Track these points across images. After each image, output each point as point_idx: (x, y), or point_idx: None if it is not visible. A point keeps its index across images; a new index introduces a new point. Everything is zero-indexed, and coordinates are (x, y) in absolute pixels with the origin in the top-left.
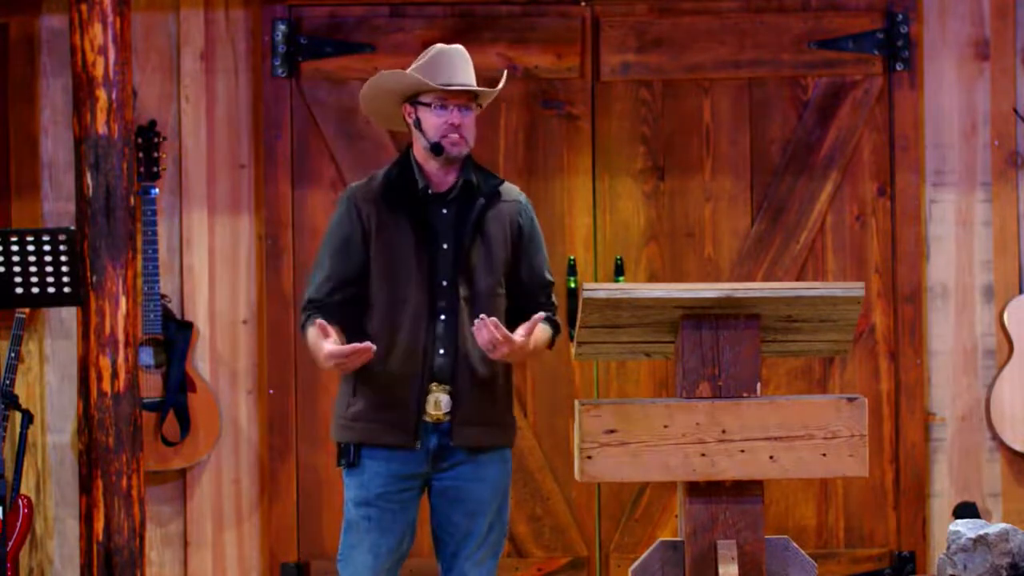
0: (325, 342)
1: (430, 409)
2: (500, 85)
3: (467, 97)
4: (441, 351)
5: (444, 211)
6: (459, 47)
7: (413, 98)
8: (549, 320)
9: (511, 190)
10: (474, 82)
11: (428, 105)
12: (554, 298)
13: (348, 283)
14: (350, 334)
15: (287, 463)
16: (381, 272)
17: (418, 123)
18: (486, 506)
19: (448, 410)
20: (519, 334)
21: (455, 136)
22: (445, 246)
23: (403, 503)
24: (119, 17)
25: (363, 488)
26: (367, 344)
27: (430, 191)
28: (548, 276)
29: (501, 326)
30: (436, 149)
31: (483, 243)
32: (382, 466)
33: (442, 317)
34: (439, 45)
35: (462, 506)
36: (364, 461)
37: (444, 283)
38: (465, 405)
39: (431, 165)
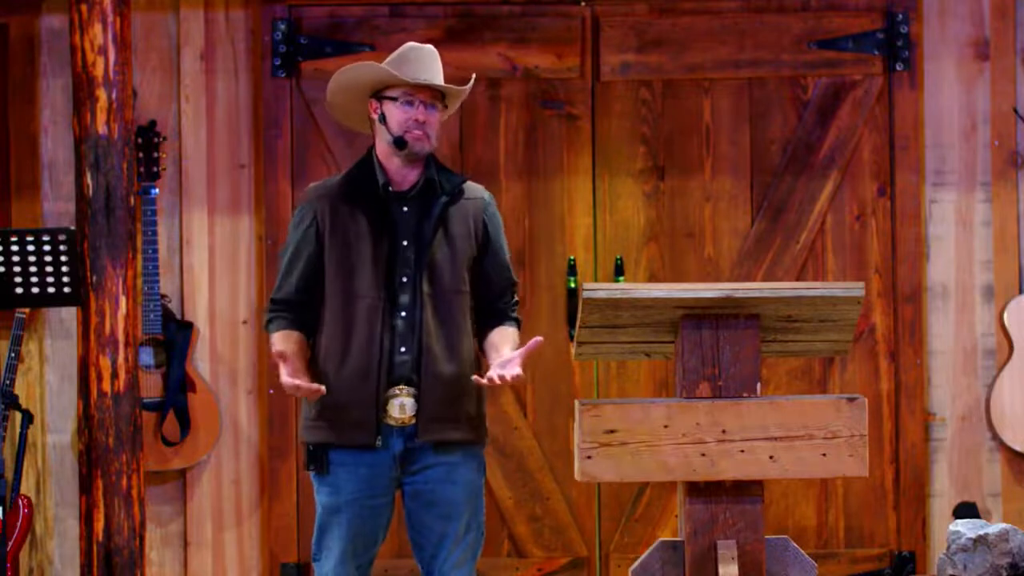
0: (282, 367)
1: (394, 413)
2: (468, 85)
3: (433, 95)
4: (402, 349)
5: (404, 208)
6: (430, 47)
7: (379, 92)
8: (515, 320)
9: (475, 188)
10: (442, 81)
11: (395, 99)
12: (516, 296)
13: (307, 283)
14: (313, 333)
15: (287, 463)
16: (335, 268)
17: (383, 118)
18: (460, 508)
19: (413, 413)
20: (517, 355)
21: (418, 132)
22: (405, 242)
23: (373, 508)
24: (119, 17)
25: (334, 494)
26: (317, 387)
27: (390, 188)
28: (513, 276)
29: (510, 370)
30: (399, 143)
31: (446, 240)
32: (351, 471)
33: (402, 314)
34: (411, 43)
35: (435, 509)
36: (333, 467)
37: (404, 279)
38: (430, 405)
39: (393, 162)
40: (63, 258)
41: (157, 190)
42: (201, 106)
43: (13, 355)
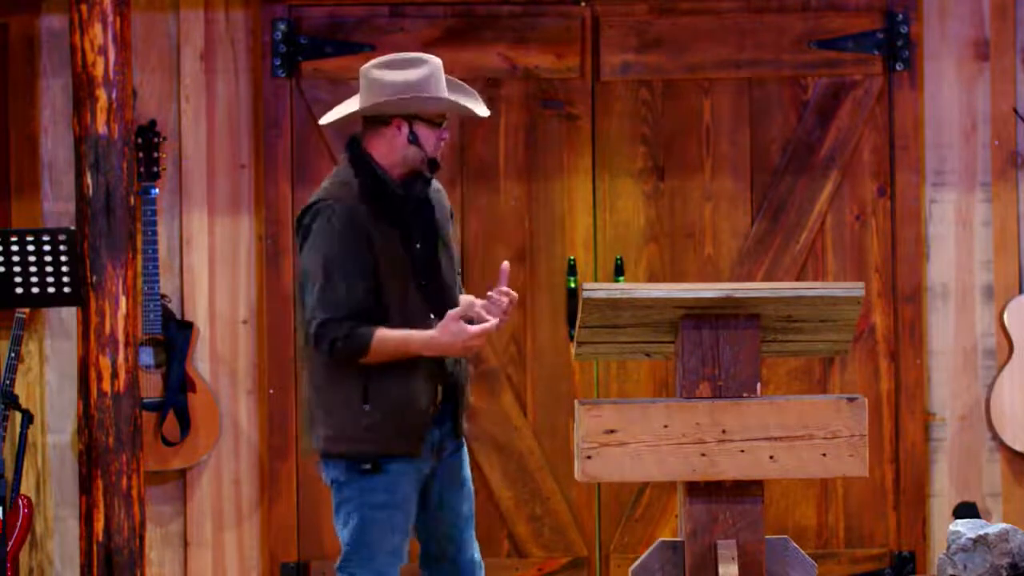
0: (458, 322)
1: None
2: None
3: None
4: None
5: (412, 212)
6: (438, 61)
7: (413, 114)
8: None
9: (434, 180)
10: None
11: (432, 124)
12: None
13: (371, 292)
14: None
15: (287, 463)
16: (386, 280)
17: (414, 138)
18: (471, 487)
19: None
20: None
21: (439, 150)
22: (418, 245)
23: (414, 504)
24: (119, 17)
25: (390, 492)
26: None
27: (400, 192)
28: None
29: (510, 292)
30: (433, 165)
31: (442, 237)
32: (403, 467)
33: (432, 316)
34: (428, 61)
35: (463, 489)
36: (387, 465)
37: (425, 282)
38: (463, 399)
39: (398, 171)
40: (63, 258)
41: (157, 190)
42: (201, 106)
43: (13, 355)
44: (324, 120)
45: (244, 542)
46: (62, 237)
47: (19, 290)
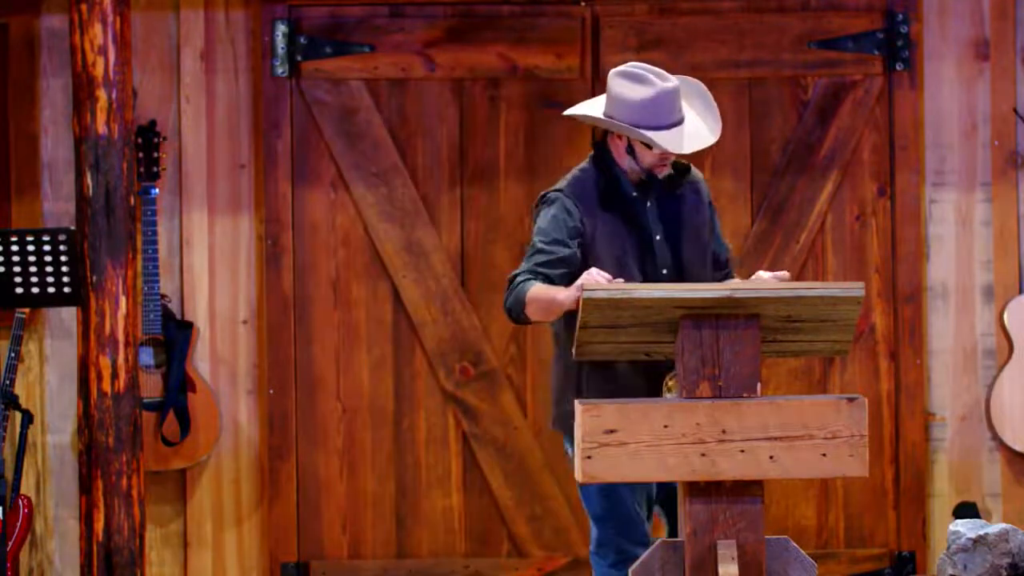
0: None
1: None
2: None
3: None
4: None
5: (648, 204)
6: (673, 83)
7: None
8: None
9: (692, 170)
10: (712, 122)
11: (649, 148)
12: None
13: (561, 265)
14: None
15: (287, 463)
16: (603, 264)
17: (631, 150)
18: None
19: None
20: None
21: (663, 166)
22: (658, 237)
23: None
24: (119, 17)
25: None
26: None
27: (634, 194)
28: (728, 243)
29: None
30: (650, 178)
31: (691, 231)
32: None
33: None
34: (653, 80)
35: None
36: None
37: (664, 272)
38: None
39: (633, 175)
40: (63, 258)
41: (157, 190)
42: (201, 106)
43: (13, 355)
44: (568, 112)
45: (244, 542)
46: (62, 237)
47: (19, 290)
